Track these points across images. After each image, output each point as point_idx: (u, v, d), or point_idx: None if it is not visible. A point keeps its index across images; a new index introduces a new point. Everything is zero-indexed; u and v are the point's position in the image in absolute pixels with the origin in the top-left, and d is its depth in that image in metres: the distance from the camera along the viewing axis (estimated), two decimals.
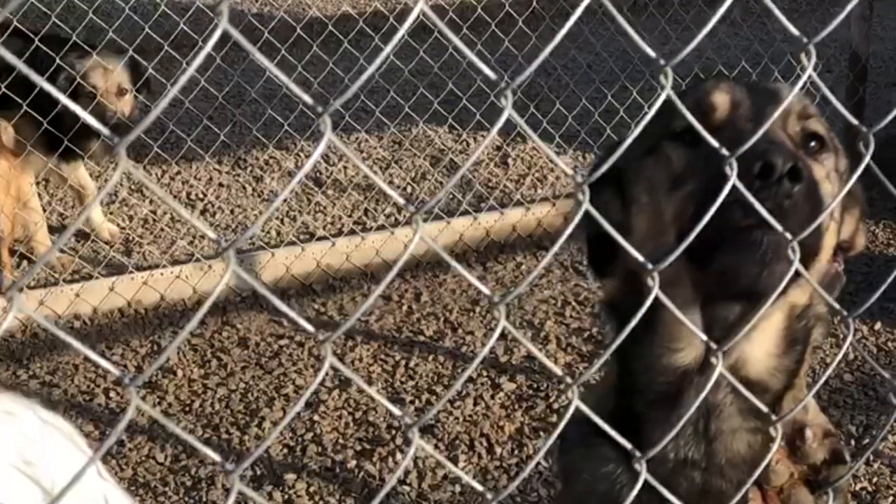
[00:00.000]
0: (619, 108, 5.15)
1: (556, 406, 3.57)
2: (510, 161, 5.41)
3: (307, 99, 0.86)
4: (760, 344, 1.38)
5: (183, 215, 0.82)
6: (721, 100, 1.39)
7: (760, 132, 1.19)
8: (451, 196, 4.94)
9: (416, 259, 4.50)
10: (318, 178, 5.22)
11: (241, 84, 5.34)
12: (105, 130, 0.86)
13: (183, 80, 0.83)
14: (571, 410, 1.02)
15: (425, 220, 4.68)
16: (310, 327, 0.89)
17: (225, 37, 0.83)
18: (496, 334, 0.97)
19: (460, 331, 4.05)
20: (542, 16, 5.98)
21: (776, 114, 1.25)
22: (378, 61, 0.94)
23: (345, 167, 5.33)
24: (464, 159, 5.46)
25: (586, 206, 0.99)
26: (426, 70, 5.54)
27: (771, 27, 6.52)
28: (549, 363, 1.05)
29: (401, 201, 0.89)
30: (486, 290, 0.95)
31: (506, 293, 3.33)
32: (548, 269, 4.48)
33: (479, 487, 0.98)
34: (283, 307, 0.87)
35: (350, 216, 4.89)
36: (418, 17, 0.89)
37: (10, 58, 0.78)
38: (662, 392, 1.24)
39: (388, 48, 0.92)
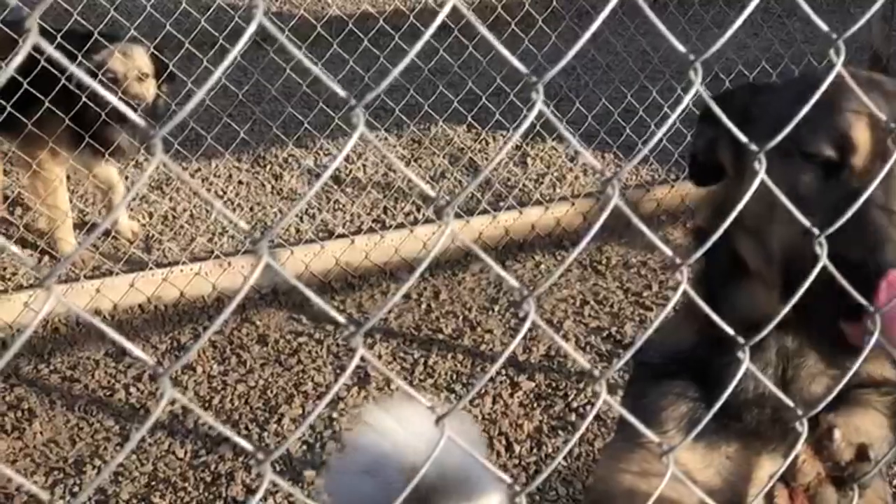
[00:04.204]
0: (639, 108, 5.15)
1: (574, 405, 3.57)
2: (529, 160, 5.41)
3: (341, 92, 0.86)
4: None
5: (217, 207, 0.83)
6: (863, 138, 1.33)
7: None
8: (470, 195, 4.95)
9: (434, 257, 4.50)
10: (338, 176, 5.23)
11: (261, 82, 5.36)
12: (137, 118, 0.87)
13: (211, 80, 0.83)
14: (599, 404, 1.03)
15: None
16: (341, 318, 0.89)
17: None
18: (525, 327, 0.97)
19: (479, 329, 4.05)
20: (562, 15, 5.98)
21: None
22: (408, 59, 0.95)
23: (364, 165, 5.34)
24: (483, 158, 5.46)
25: (616, 200, 1.00)
26: (446, 69, 5.55)
27: (791, 28, 6.50)
28: (577, 356, 1.06)
29: (432, 194, 0.90)
30: (515, 284, 0.95)
31: (534, 286, 3.31)
32: (567, 268, 4.47)
33: (507, 479, 0.98)
34: (316, 299, 0.88)
35: (369, 214, 4.90)
36: (441, 15, 0.89)
37: (51, 49, 0.79)
38: (749, 332, 1.26)
39: (419, 44, 0.93)
